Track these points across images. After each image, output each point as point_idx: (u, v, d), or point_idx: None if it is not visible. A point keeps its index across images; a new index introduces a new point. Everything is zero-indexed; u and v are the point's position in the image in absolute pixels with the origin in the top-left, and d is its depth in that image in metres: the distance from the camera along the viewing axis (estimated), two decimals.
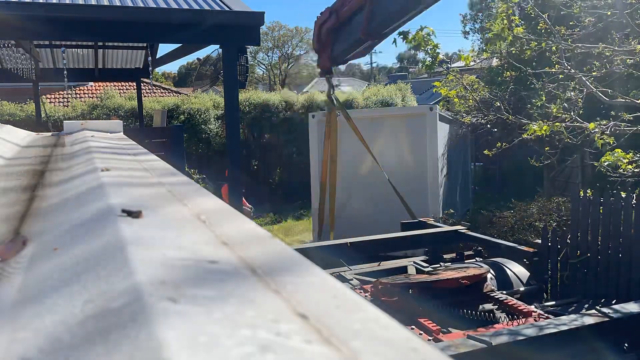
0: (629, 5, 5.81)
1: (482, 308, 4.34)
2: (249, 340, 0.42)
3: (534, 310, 4.26)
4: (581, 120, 5.77)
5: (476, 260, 5.67)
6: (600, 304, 4.64)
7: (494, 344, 3.18)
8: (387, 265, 5.78)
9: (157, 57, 11.15)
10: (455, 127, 10.76)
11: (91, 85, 20.87)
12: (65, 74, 9.21)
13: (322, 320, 0.47)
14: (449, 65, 8.77)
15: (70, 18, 5.64)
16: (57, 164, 2.06)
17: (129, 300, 0.50)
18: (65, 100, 18.95)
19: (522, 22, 6.21)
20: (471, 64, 8.09)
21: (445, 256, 5.98)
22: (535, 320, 3.94)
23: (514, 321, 4.07)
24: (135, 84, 13.87)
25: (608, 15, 5.86)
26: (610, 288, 5.03)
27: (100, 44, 10.58)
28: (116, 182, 1.25)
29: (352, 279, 5.11)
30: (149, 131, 11.68)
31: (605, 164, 4.99)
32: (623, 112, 5.81)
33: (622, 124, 5.55)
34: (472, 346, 3.15)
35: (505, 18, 5.58)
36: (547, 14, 6.18)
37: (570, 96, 5.93)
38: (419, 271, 5.33)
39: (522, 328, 3.58)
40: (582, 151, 8.26)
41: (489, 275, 4.95)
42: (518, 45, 6.34)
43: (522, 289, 5.12)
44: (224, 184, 9.86)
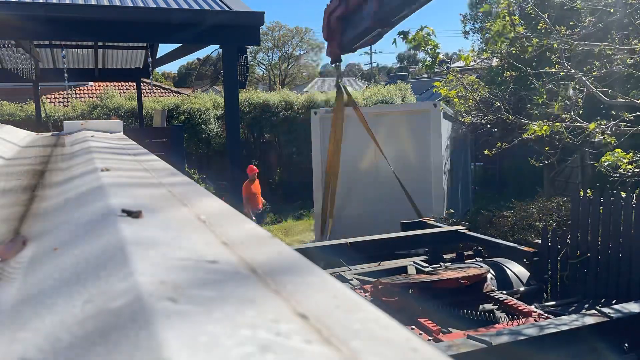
0: (629, 5, 5.81)
1: (482, 308, 4.34)
2: (249, 340, 0.42)
3: (534, 310, 4.26)
4: (581, 120, 5.77)
5: (476, 260, 5.67)
6: (600, 304, 4.64)
7: (494, 344, 3.18)
8: (387, 265, 5.78)
9: (157, 57, 11.16)
10: (455, 127, 10.74)
11: (91, 85, 20.88)
12: (65, 74, 9.22)
13: (322, 320, 0.47)
14: (449, 65, 8.76)
15: (70, 18, 5.64)
16: (57, 164, 2.05)
17: (129, 300, 0.50)
18: (65, 100, 18.95)
19: (522, 22, 6.21)
20: (471, 64, 8.09)
21: (445, 256, 5.98)
22: (535, 320, 3.94)
23: (514, 321, 4.07)
24: (135, 84, 13.88)
25: (609, 15, 5.86)
26: (610, 288, 5.03)
27: (100, 44, 10.59)
28: (116, 182, 1.25)
29: (352, 279, 5.11)
30: (149, 131, 11.68)
31: (605, 164, 4.99)
32: (623, 112, 5.81)
33: (622, 124, 5.55)
34: (472, 346, 3.16)
35: (507, 15, 5.58)
36: (547, 14, 6.18)
37: (570, 94, 5.93)
38: (419, 271, 5.33)
39: (522, 328, 3.58)
40: (582, 151, 8.26)
41: (489, 275, 4.95)
42: (518, 45, 6.33)
43: (522, 289, 5.12)
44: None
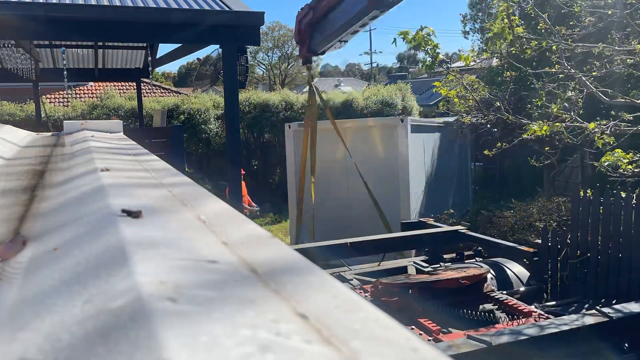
0: (629, 5, 5.81)
1: (482, 308, 4.34)
2: (249, 340, 0.42)
3: (534, 310, 4.26)
4: (581, 120, 5.77)
5: (476, 260, 5.67)
6: (601, 304, 4.64)
7: (494, 344, 3.18)
8: (387, 265, 5.78)
9: (157, 57, 11.16)
10: (447, 131, 10.78)
11: (91, 85, 20.87)
12: (65, 74, 9.21)
13: (322, 320, 0.47)
14: (449, 65, 8.75)
15: (70, 18, 5.64)
16: (57, 164, 2.05)
17: (129, 300, 0.50)
18: (65, 100, 18.95)
19: (522, 22, 6.21)
20: (471, 64, 8.09)
21: (445, 256, 5.98)
22: (535, 321, 3.94)
23: (514, 321, 4.07)
24: (135, 84, 13.87)
25: (609, 15, 5.86)
26: (610, 288, 5.02)
27: (100, 44, 10.59)
28: (116, 183, 1.25)
29: (352, 279, 5.11)
30: (149, 131, 11.66)
31: (605, 164, 4.98)
32: (623, 112, 5.81)
33: (622, 124, 5.55)
34: (473, 346, 3.16)
35: (505, 17, 5.58)
36: (547, 14, 6.18)
37: (570, 96, 5.93)
38: (419, 271, 5.33)
39: (523, 328, 3.58)
40: (582, 151, 8.26)
41: (489, 275, 4.95)
42: (518, 45, 6.33)
43: (522, 289, 5.12)
44: (227, 184, 9.89)
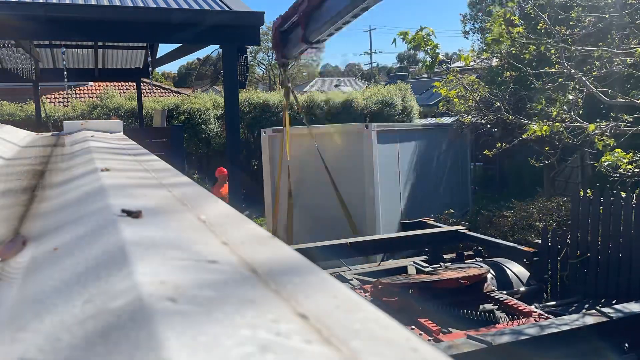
0: (629, 6, 5.81)
1: (483, 308, 4.34)
2: (249, 340, 0.42)
3: (534, 310, 4.26)
4: (581, 121, 5.77)
5: (476, 260, 5.67)
6: (601, 304, 4.64)
7: (494, 344, 3.19)
8: (387, 265, 5.79)
9: (157, 57, 11.15)
10: (438, 133, 10.81)
11: (91, 85, 20.87)
12: (65, 74, 9.21)
13: (322, 320, 0.47)
14: (449, 66, 8.74)
15: (70, 18, 5.64)
16: (57, 164, 2.05)
17: (129, 300, 0.50)
18: (65, 100, 18.95)
19: (522, 22, 6.20)
20: (471, 64, 8.10)
21: (445, 256, 5.98)
22: (535, 321, 3.94)
23: (514, 321, 4.07)
24: (135, 84, 13.87)
25: (611, 11, 5.85)
26: (610, 288, 5.03)
27: (100, 44, 10.58)
28: (116, 183, 1.25)
29: (352, 279, 5.11)
30: (149, 131, 11.66)
31: (605, 164, 4.98)
32: (622, 114, 5.81)
33: (622, 124, 5.55)
34: (473, 346, 3.16)
35: (503, 23, 5.59)
36: (547, 14, 6.17)
37: (569, 100, 5.93)
38: (419, 271, 5.33)
39: (523, 328, 3.58)
40: (582, 151, 8.26)
41: (489, 275, 4.96)
42: (518, 46, 6.32)
43: (522, 289, 5.12)
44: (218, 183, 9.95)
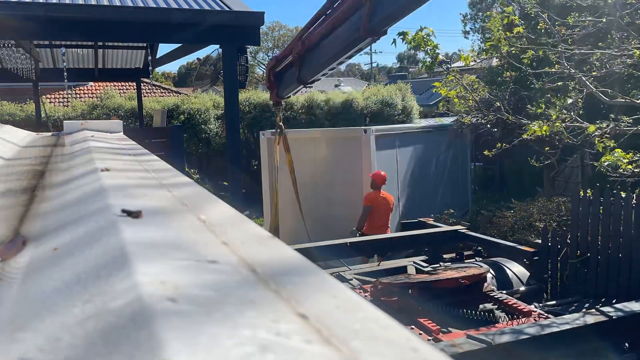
0: (629, 6, 5.81)
1: (482, 308, 4.34)
2: (249, 340, 0.42)
3: (534, 310, 4.26)
4: (581, 121, 5.77)
5: (476, 260, 5.67)
6: (601, 303, 4.64)
7: (494, 343, 3.19)
8: (387, 265, 5.79)
9: (157, 57, 11.15)
10: (438, 134, 10.86)
11: (91, 85, 20.86)
12: (65, 74, 9.21)
13: (322, 320, 0.47)
14: (449, 66, 8.75)
15: (70, 18, 5.64)
16: (57, 164, 2.05)
17: (129, 300, 0.50)
18: (65, 100, 18.94)
19: (522, 22, 6.20)
20: (471, 64, 8.09)
21: (445, 256, 5.98)
22: (535, 320, 3.94)
23: (514, 321, 4.07)
24: (135, 84, 13.87)
25: (607, 15, 5.85)
26: (610, 288, 5.03)
27: (100, 44, 10.58)
28: (116, 183, 1.25)
29: (352, 279, 5.11)
30: (149, 131, 11.65)
31: (605, 164, 4.98)
32: (622, 115, 5.82)
33: (622, 124, 5.55)
34: (473, 346, 3.16)
35: (500, 28, 5.60)
36: (547, 14, 6.17)
37: (567, 104, 5.94)
38: (418, 271, 5.33)
39: (523, 328, 3.58)
40: (582, 151, 8.26)
41: (489, 275, 4.96)
42: (519, 45, 6.32)
43: (522, 289, 5.12)
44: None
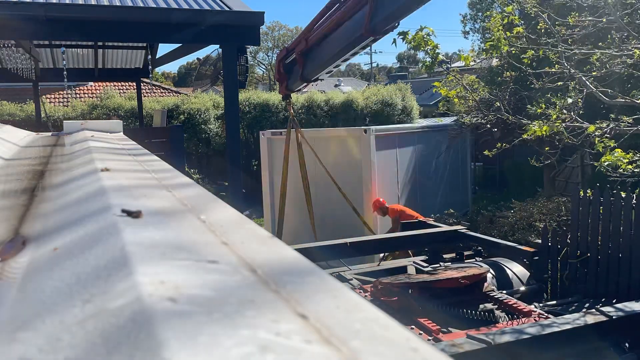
0: (629, 6, 5.81)
1: (482, 308, 4.34)
2: (249, 340, 0.42)
3: (534, 309, 4.26)
4: (581, 121, 5.77)
5: (476, 260, 5.67)
6: (601, 303, 4.64)
7: (494, 343, 3.18)
8: (387, 265, 5.79)
9: (157, 57, 11.16)
10: (437, 134, 10.88)
11: (91, 85, 20.87)
12: (65, 74, 9.21)
13: (322, 320, 0.47)
14: (449, 66, 8.76)
15: (70, 18, 5.64)
16: (57, 164, 2.05)
17: (129, 300, 0.50)
18: (65, 100, 18.94)
19: (522, 22, 6.20)
20: (471, 64, 8.10)
21: (445, 256, 5.98)
22: (535, 320, 3.94)
23: (514, 321, 4.07)
24: (135, 84, 13.87)
25: (607, 16, 5.86)
26: (610, 288, 5.03)
27: (100, 44, 10.58)
28: (116, 183, 1.25)
29: (352, 279, 5.11)
30: (149, 131, 11.66)
31: (605, 164, 4.98)
32: (622, 115, 5.82)
33: (622, 124, 5.55)
34: (473, 346, 3.16)
35: (500, 28, 5.61)
36: (547, 14, 6.17)
37: (567, 104, 5.94)
38: (418, 271, 5.33)
39: (523, 328, 3.58)
40: (582, 151, 8.27)
41: (489, 275, 4.96)
42: (519, 45, 6.33)
43: (522, 289, 5.11)
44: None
